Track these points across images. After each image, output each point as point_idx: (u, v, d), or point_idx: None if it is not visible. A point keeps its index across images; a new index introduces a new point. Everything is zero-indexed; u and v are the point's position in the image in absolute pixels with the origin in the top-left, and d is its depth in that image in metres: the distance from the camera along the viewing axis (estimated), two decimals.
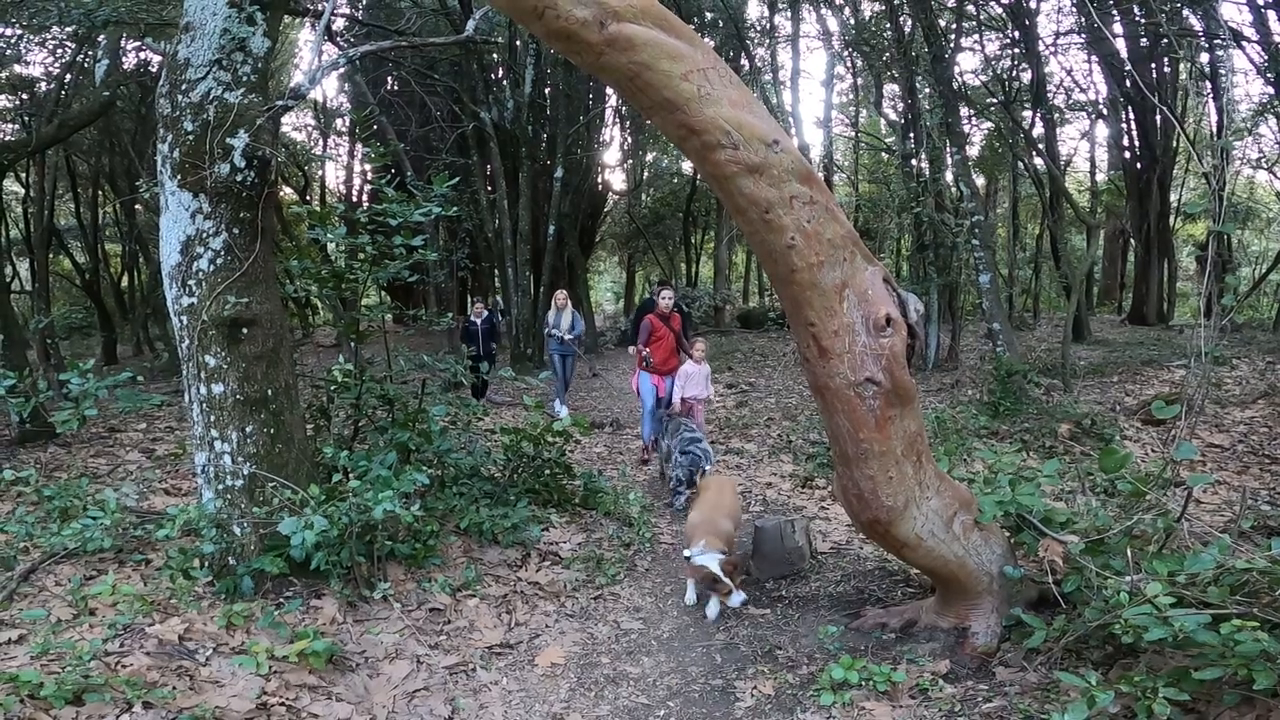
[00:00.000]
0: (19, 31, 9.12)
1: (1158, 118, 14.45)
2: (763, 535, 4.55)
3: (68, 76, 11.46)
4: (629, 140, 21.84)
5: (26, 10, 7.63)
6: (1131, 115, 15.75)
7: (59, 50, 10.93)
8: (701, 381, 7.07)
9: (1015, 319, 15.58)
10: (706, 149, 2.83)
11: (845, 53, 17.71)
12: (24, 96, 12.32)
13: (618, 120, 20.60)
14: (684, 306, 8.56)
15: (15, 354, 7.82)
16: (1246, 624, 2.39)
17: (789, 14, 17.96)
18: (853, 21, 15.13)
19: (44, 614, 3.25)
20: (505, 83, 15.14)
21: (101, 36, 9.03)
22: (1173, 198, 17.17)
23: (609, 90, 16.16)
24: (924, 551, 3.23)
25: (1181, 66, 15.02)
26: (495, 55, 15.30)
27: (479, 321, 10.05)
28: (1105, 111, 16.29)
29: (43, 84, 11.91)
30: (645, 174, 23.87)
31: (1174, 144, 15.49)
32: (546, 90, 15.77)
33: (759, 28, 18.32)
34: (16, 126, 12.78)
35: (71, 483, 4.75)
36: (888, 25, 13.20)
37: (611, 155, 22.18)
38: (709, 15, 17.39)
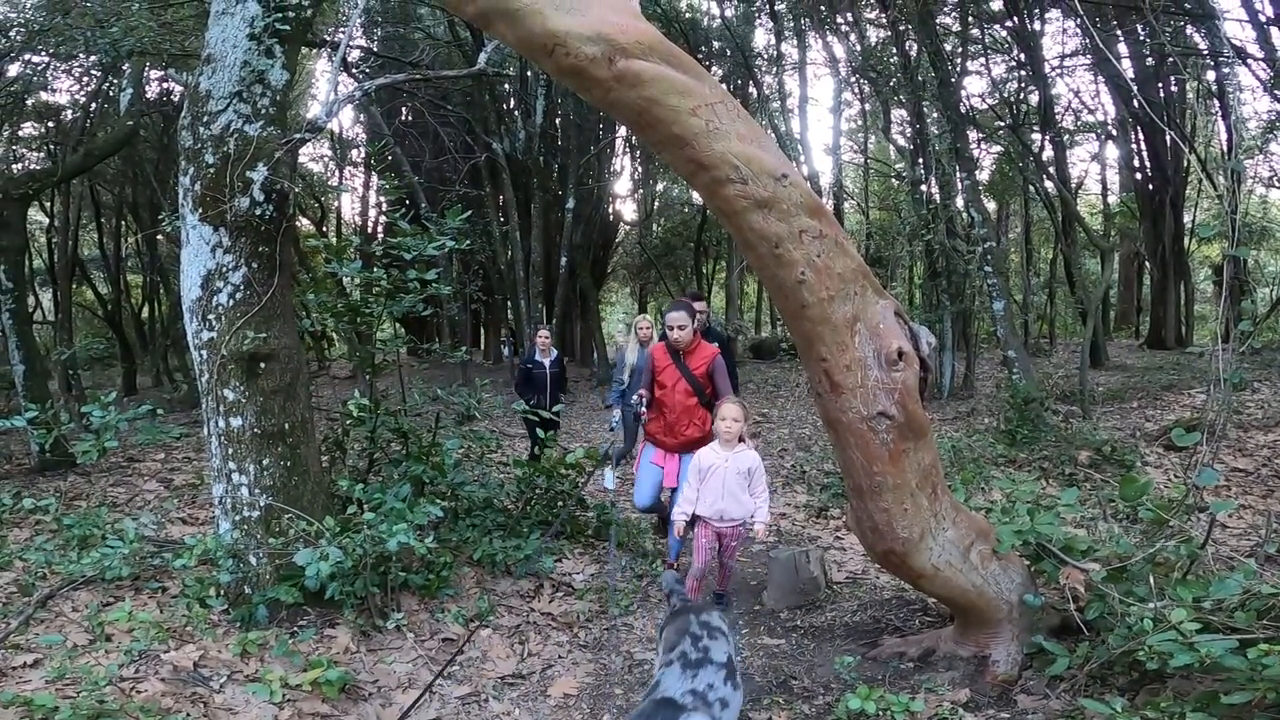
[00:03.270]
0: (46, 59, 9.37)
1: (1167, 138, 14.47)
2: (777, 566, 4.51)
3: (93, 105, 11.76)
4: (639, 170, 22.09)
5: (54, 38, 7.85)
6: (1141, 136, 15.76)
7: (85, 79, 11.21)
8: (738, 486, 3.95)
9: (1031, 345, 15.48)
10: (716, 184, 2.86)
11: (852, 79, 17.89)
12: (50, 125, 12.64)
13: (628, 150, 20.86)
14: (724, 333, 5.56)
15: (37, 385, 7.94)
16: (1274, 647, 2.35)
17: (795, 42, 18.20)
18: (859, 48, 15.30)
19: (61, 639, 3.27)
20: (517, 113, 15.40)
21: (126, 66, 9.26)
22: (1187, 218, 17.09)
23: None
24: (941, 581, 3.19)
25: (1189, 85, 15.06)
26: (506, 86, 15.59)
27: (547, 362, 7.11)
28: (1114, 132, 16.32)
29: (68, 112, 12.23)
30: (656, 204, 24.08)
31: (1185, 164, 15.47)
32: (557, 120, 16.03)
33: (766, 56, 18.56)
34: (42, 155, 13.09)
35: (91, 512, 4.80)
36: (894, 51, 13.34)
37: (622, 185, 22.43)
38: (716, 44, 17.67)
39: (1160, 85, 14.58)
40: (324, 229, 20.05)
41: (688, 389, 4.56)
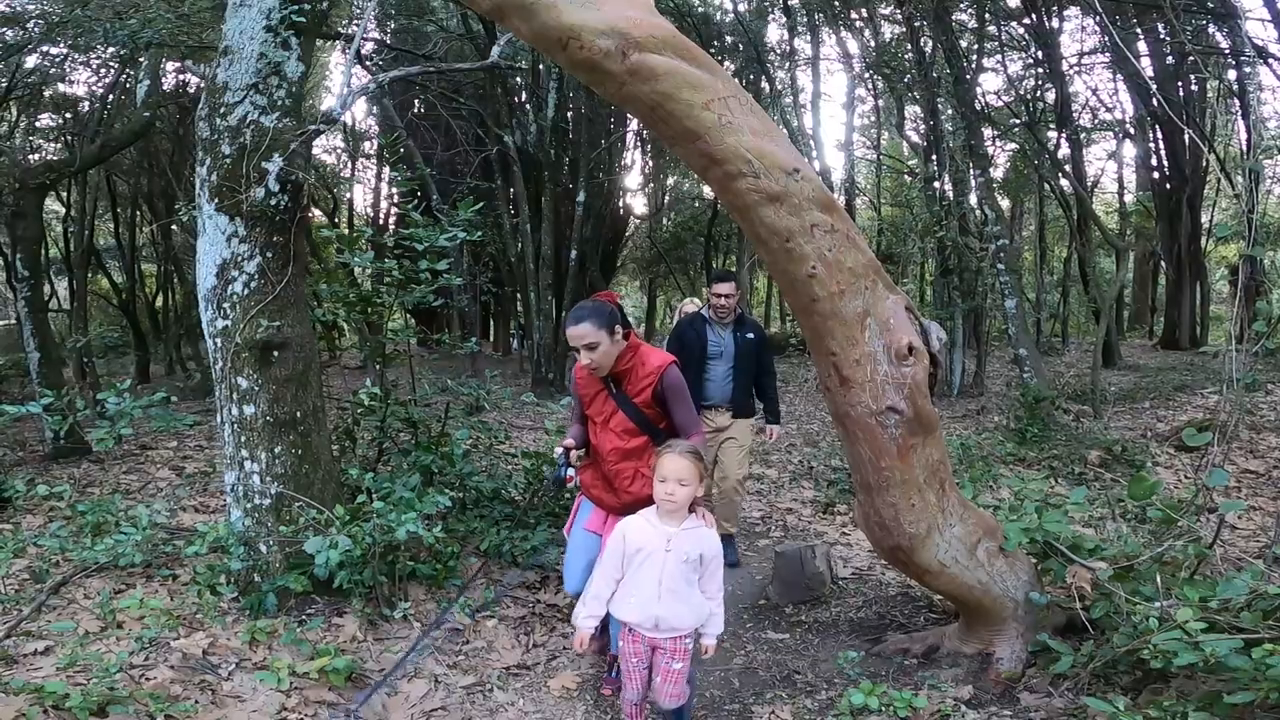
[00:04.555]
0: (64, 51, 9.42)
1: (1186, 137, 14.33)
2: (783, 561, 4.52)
3: (110, 97, 11.84)
4: (650, 164, 22.05)
5: (72, 30, 7.91)
6: (1159, 134, 15.60)
7: (102, 70, 11.28)
8: (683, 580, 2.60)
9: (1043, 344, 15.40)
10: (728, 178, 2.86)
11: (866, 75, 17.79)
12: (67, 116, 12.74)
13: (639, 144, 20.83)
14: (756, 332, 4.85)
15: (52, 372, 8.03)
16: (1279, 648, 2.35)
17: (809, 37, 18.10)
18: (873, 43, 15.20)
19: (72, 626, 3.31)
20: (528, 106, 15.40)
21: (143, 58, 9.31)
22: (1204, 218, 16.93)
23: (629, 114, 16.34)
24: (947, 578, 3.19)
25: (1209, 84, 14.90)
26: (519, 80, 15.58)
27: None
28: (1132, 131, 16.18)
29: (85, 104, 12.32)
30: (666, 198, 24.04)
31: (1204, 163, 15.31)
32: (569, 114, 16.00)
33: (779, 51, 18.46)
34: (59, 145, 13.20)
35: (104, 499, 4.86)
36: (908, 47, 13.25)
37: (633, 179, 22.42)
38: (729, 39, 17.60)
39: (1180, 84, 14.43)
40: (336, 220, 20.16)
41: (627, 424, 3.07)
